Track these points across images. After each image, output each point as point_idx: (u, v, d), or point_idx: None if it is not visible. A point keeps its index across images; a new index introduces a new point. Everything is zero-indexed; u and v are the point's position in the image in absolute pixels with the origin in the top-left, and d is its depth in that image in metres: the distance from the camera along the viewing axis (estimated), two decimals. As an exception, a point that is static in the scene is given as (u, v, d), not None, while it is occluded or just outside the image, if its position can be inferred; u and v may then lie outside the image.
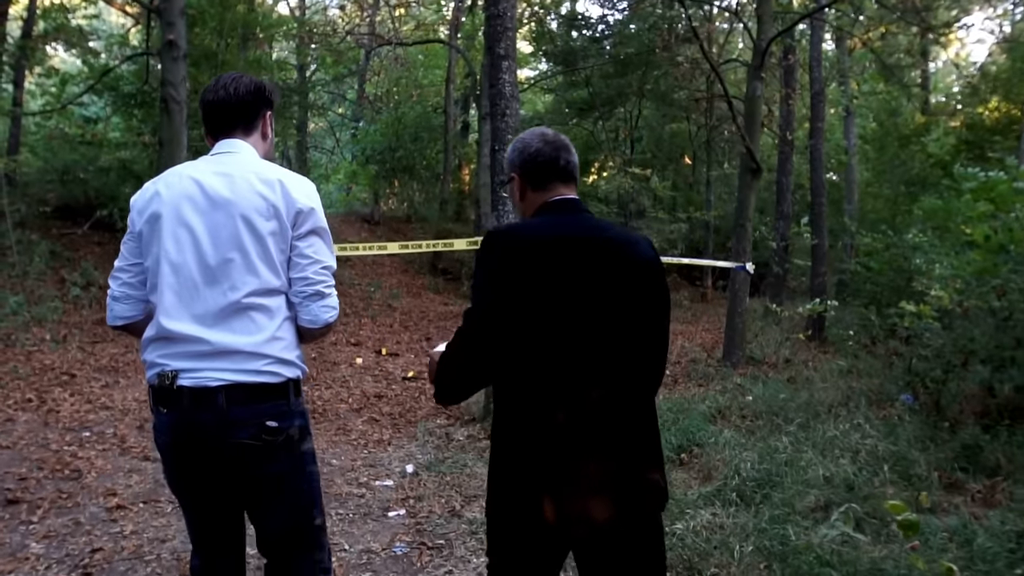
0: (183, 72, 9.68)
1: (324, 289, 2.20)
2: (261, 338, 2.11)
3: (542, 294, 1.96)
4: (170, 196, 2.17)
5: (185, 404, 2.08)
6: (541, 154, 2.15)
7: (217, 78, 2.35)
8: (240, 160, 2.23)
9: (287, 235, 2.16)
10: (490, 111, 6.92)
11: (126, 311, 2.26)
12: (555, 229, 2.05)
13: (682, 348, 11.42)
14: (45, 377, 7.61)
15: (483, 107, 13.15)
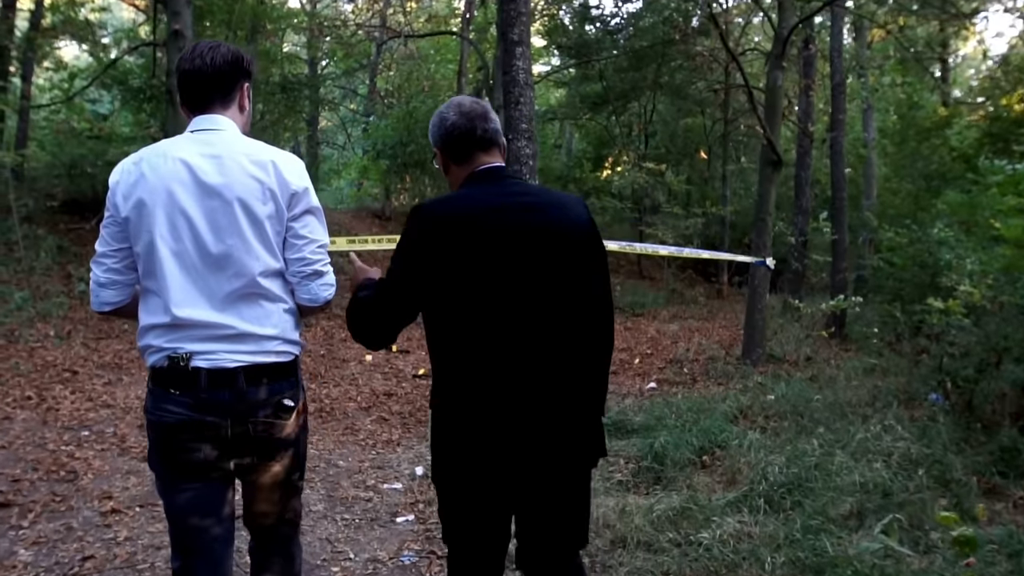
0: (189, 63, 9.47)
1: (321, 268, 2.23)
2: (271, 321, 2.16)
3: (471, 264, 2.00)
4: (158, 180, 2.11)
5: (203, 384, 2.09)
6: (456, 127, 2.17)
7: (194, 45, 2.27)
8: (226, 139, 2.18)
9: (283, 217, 2.17)
10: (503, 100, 6.67)
11: (113, 297, 2.24)
12: (479, 199, 2.09)
13: (699, 345, 11.15)
14: (47, 374, 7.42)
15: (495, 99, 12.88)
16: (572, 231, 2.13)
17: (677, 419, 6.63)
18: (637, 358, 10.50)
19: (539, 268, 2.07)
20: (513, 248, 2.04)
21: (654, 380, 9.03)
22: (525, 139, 6.45)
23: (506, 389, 2.05)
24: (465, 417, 2.07)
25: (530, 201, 2.13)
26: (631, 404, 7.62)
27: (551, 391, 2.08)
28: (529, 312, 2.05)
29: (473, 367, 2.06)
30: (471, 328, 2.05)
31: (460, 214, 2.06)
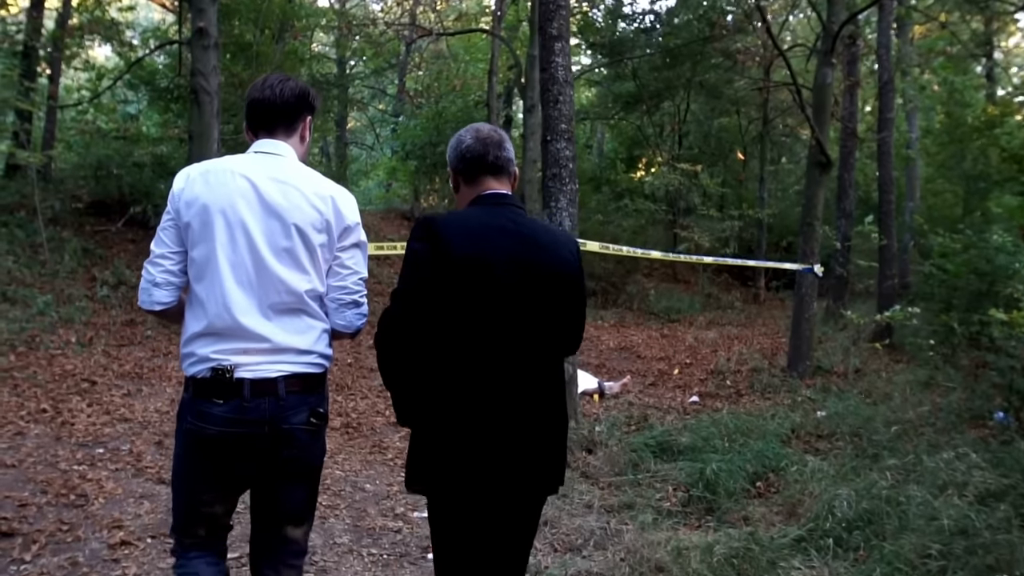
0: (214, 61, 9.19)
1: (360, 299, 2.39)
2: (311, 336, 2.30)
3: (469, 280, 2.11)
4: (223, 192, 2.26)
5: (246, 394, 2.20)
6: (471, 150, 2.30)
7: (265, 77, 2.44)
8: (287, 166, 2.34)
9: (333, 247, 2.33)
10: (541, 98, 6.28)
11: (165, 297, 2.34)
12: (482, 219, 2.21)
13: (740, 355, 10.68)
14: (64, 384, 7.14)
15: (528, 99, 12.51)
16: (562, 269, 2.27)
17: (725, 439, 6.22)
18: (676, 368, 10.06)
19: (528, 297, 2.19)
20: (507, 274, 2.15)
21: (696, 393, 8.59)
22: (564, 140, 6.06)
23: (483, 403, 2.15)
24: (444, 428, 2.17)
25: (528, 233, 2.25)
26: (674, 421, 7.20)
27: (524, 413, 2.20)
28: (513, 336, 2.17)
29: (455, 380, 2.16)
30: (458, 342, 2.15)
31: (465, 228, 2.17)
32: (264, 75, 2.49)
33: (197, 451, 2.29)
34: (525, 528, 2.39)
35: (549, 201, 6.03)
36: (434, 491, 2.26)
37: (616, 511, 4.79)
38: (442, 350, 2.16)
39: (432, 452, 2.20)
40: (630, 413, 7.52)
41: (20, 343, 8.55)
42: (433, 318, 2.13)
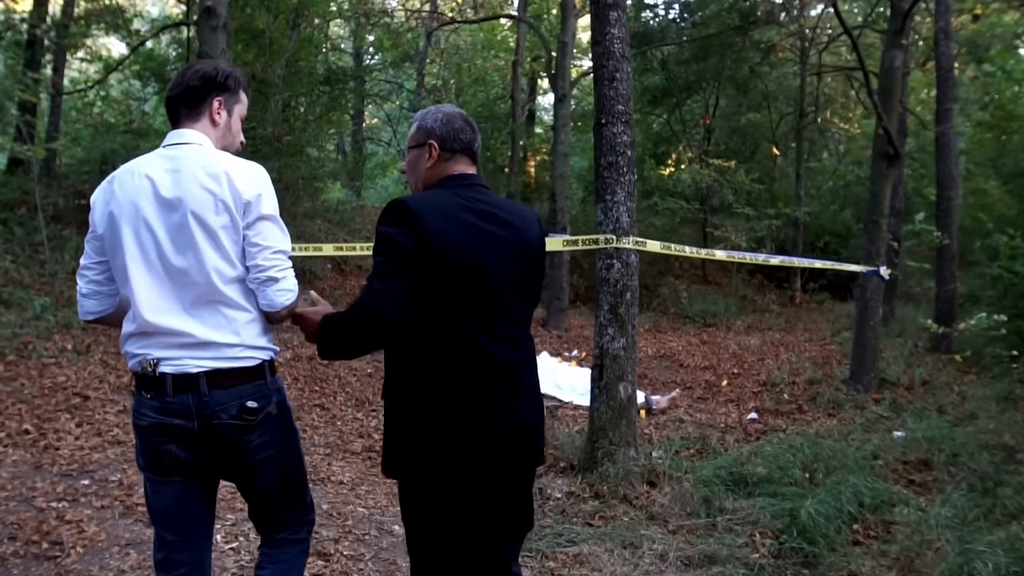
0: (222, 44, 8.42)
1: (276, 274, 2.24)
2: (234, 328, 2.21)
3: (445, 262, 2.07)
4: (125, 196, 2.21)
5: (168, 389, 2.17)
6: (464, 131, 2.31)
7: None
8: (188, 152, 2.25)
9: (238, 226, 2.20)
10: (594, 76, 5.48)
11: (95, 306, 2.34)
12: (453, 200, 2.18)
13: (792, 365, 9.84)
14: (53, 400, 6.39)
15: (560, 88, 11.70)
16: (533, 246, 2.30)
17: (803, 468, 5.39)
18: (724, 379, 9.23)
19: (504, 275, 2.18)
20: (483, 253, 2.14)
21: (753, 409, 7.76)
22: (621, 123, 5.26)
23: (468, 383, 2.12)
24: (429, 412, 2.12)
25: (497, 212, 2.22)
26: (737, 444, 6.38)
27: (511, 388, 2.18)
28: (493, 314, 2.16)
29: (436, 363, 2.12)
30: (440, 324, 2.10)
31: (441, 212, 2.12)
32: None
33: (140, 449, 2.30)
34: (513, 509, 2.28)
35: (604, 194, 5.23)
36: (413, 475, 2.18)
37: (697, 565, 3.97)
38: (423, 332, 2.11)
39: (415, 435, 2.14)
40: (685, 433, 6.72)
41: (11, 350, 7.81)
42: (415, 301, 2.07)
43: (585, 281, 14.78)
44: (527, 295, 2.30)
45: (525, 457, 2.24)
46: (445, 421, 2.10)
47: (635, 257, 5.29)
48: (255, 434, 2.24)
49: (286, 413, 2.37)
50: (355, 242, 14.99)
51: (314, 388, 7.67)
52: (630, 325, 5.19)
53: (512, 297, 2.22)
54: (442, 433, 2.10)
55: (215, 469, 2.30)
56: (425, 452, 2.11)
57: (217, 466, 2.28)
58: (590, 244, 5.31)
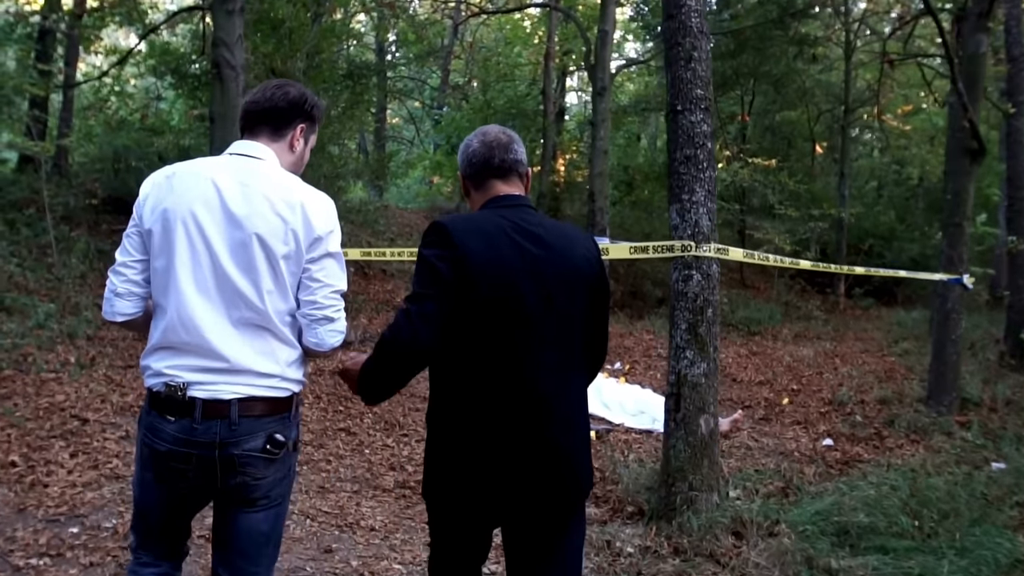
0: (239, 30, 7.73)
1: (333, 314, 2.17)
2: (272, 358, 2.12)
3: (482, 285, 2.01)
4: (186, 197, 2.11)
5: (197, 415, 2.07)
6: (476, 155, 2.25)
7: (266, 83, 2.33)
8: (262, 170, 2.17)
9: (301, 259, 2.13)
10: (667, 55, 4.71)
11: (128, 308, 2.21)
12: (494, 222, 2.12)
13: (855, 381, 9.02)
14: (48, 423, 5.70)
15: (599, 80, 10.92)
16: (578, 270, 2.17)
17: (911, 513, 4.61)
18: (785, 397, 8.42)
19: (543, 302, 2.08)
20: (523, 277, 2.06)
21: (826, 434, 6.96)
22: (700, 111, 4.49)
23: (498, 410, 2.06)
24: (460, 438, 2.08)
25: (540, 234, 2.14)
26: (819, 476, 5.60)
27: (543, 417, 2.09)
28: (531, 343, 2.07)
29: (470, 388, 2.08)
30: (480, 350, 2.05)
31: (481, 233, 2.07)
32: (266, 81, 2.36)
33: (148, 464, 2.17)
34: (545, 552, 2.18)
35: (680, 193, 4.46)
36: (442, 503, 2.14)
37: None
38: (458, 358, 2.07)
39: (446, 463, 2.11)
40: (756, 463, 5.94)
41: (9, 363, 7.16)
42: (451, 325, 2.01)
43: (623, 286, 14.01)
44: (575, 320, 2.17)
45: (557, 494, 2.12)
46: (473, 451, 2.06)
47: (717, 267, 4.52)
48: (272, 468, 2.16)
49: (297, 452, 2.30)
50: (380, 243, 14.29)
51: (338, 408, 6.94)
52: (711, 347, 4.42)
53: (556, 323, 2.12)
54: (469, 463, 2.06)
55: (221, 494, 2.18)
56: (452, 482, 2.09)
57: (223, 493, 2.17)
58: (663, 252, 4.55)
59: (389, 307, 12.23)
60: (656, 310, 13.78)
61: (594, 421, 7.16)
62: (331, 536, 4.30)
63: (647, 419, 7.12)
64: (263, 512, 2.20)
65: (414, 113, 23.10)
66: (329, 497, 4.84)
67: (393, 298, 12.71)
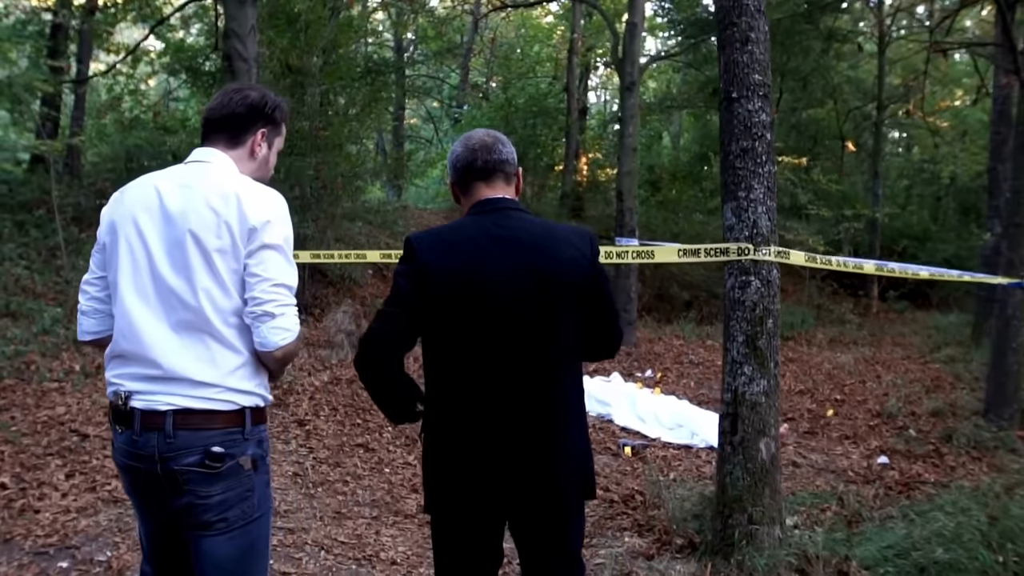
0: (252, 20, 7.35)
1: (274, 309, 2.01)
2: (212, 364, 1.99)
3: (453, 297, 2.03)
4: (129, 206, 2.08)
5: (136, 426, 1.99)
6: (460, 159, 2.22)
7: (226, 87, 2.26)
8: (207, 171, 2.10)
9: (239, 253, 2.01)
10: (720, 37, 4.25)
11: (94, 326, 2.17)
12: (465, 232, 2.11)
13: (902, 391, 8.51)
14: (45, 439, 5.32)
15: (627, 75, 10.44)
16: (562, 270, 2.11)
17: (992, 546, 4.12)
18: (829, 408, 7.92)
19: (520, 306, 2.05)
20: (492, 284, 2.04)
21: (880, 450, 6.47)
22: (758, 98, 4.04)
23: (483, 419, 2.05)
24: (451, 447, 2.09)
25: (518, 236, 2.10)
26: (878, 499, 5.13)
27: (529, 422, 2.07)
28: (505, 350, 2.05)
29: (455, 397, 2.08)
30: (453, 358, 2.08)
31: (444, 245, 2.07)
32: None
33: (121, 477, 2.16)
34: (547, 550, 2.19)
35: (736, 190, 3.99)
36: (439, 511, 2.14)
37: None
38: (439, 368, 2.09)
39: (436, 472, 2.12)
40: (810, 484, 5.47)
41: (11, 372, 6.82)
42: (426, 338, 2.08)
43: (649, 289, 13.54)
44: (559, 322, 2.11)
45: (529, 505, 2.11)
46: (445, 459, 2.09)
47: (777, 272, 4.06)
48: (217, 487, 1.99)
49: (263, 471, 2.10)
50: (398, 245, 13.88)
51: (356, 421, 6.52)
52: (772, 362, 3.95)
53: (532, 326, 2.07)
54: (443, 472, 2.09)
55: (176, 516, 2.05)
56: (440, 490, 2.10)
57: (177, 515, 2.03)
58: (717, 255, 4.09)
59: (408, 311, 11.83)
60: (684, 313, 13.30)
61: (630, 436, 6.71)
62: (348, 571, 3.88)
63: (685, 433, 6.66)
64: (223, 537, 2.03)
65: (432, 112, 22.70)
66: (346, 524, 4.41)
67: (412, 301, 12.31)
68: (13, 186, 11.91)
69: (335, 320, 9.52)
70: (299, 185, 10.99)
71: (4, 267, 9.59)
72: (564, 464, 2.12)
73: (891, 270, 5.26)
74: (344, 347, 9.00)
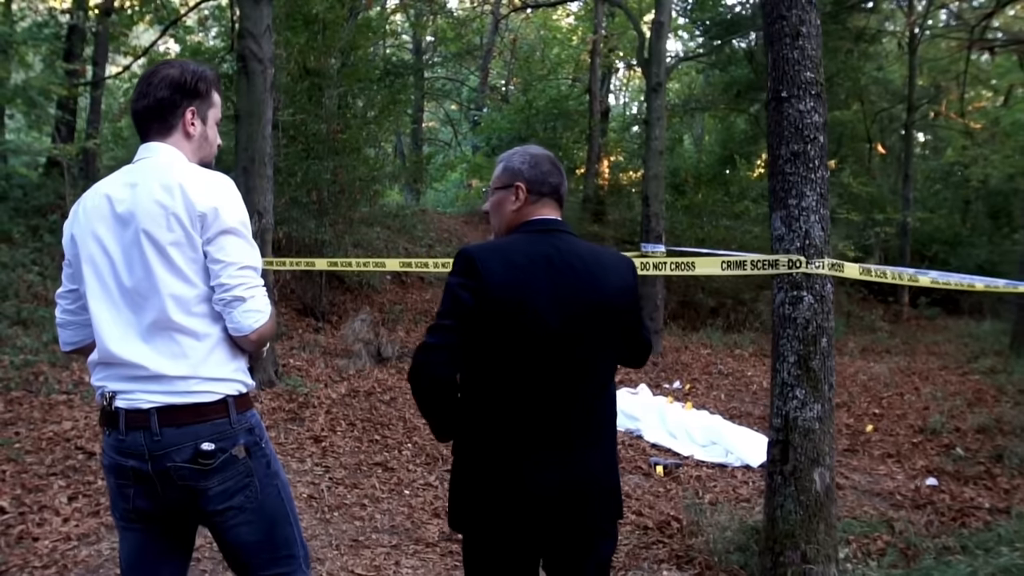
0: (267, 20, 7.10)
1: (243, 293, 2.00)
2: (183, 358, 1.98)
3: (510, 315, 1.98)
4: (85, 217, 2.06)
5: (121, 425, 1.98)
6: (552, 175, 2.20)
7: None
8: (151, 165, 2.05)
9: (195, 242, 1.99)
10: (768, 33, 3.93)
11: (72, 336, 2.20)
12: (524, 249, 2.07)
13: (944, 404, 8.12)
14: (49, 457, 5.08)
15: (654, 75, 10.13)
16: (608, 298, 2.11)
17: None
18: (867, 422, 7.57)
19: (571, 330, 2.03)
20: (549, 307, 2.01)
21: (924, 470, 6.12)
22: (811, 97, 3.71)
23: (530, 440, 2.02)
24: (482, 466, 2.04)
25: (573, 262, 2.08)
26: (931, 525, 4.78)
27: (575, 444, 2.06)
28: (556, 371, 2.02)
29: (493, 415, 2.03)
30: (499, 380, 2.03)
31: (505, 262, 2.02)
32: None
33: (107, 483, 2.12)
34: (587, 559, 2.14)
35: (786, 197, 3.68)
36: (472, 531, 2.08)
37: None
38: (483, 387, 2.04)
39: (474, 491, 2.05)
40: (856, 509, 5.13)
41: (19, 383, 6.61)
42: (472, 355, 2.00)
43: (674, 296, 13.20)
44: (603, 348, 2.12)
45: (579, 526, 2.07)
46: (490, 481, 2.02)
47: (831, 287, 3.74)
48: (214, 480, 1.99)
49: (260, 455, 2.10)
50: (417, 249, 13.63)
51: (374, 437, 6.23)
52: (826, 384, 3.65)
53: (581, 352, 2.05)
54: (487, 493, 2.02)
55: (176, 516, 2.07)
56: (473, 511, 2.05)
57: (178, 514, 2.05)
58: (765, 268, 3.77)
59: (427, 318, 11.56)
60: (710, 321, 12.96)
61: (661, 453, 6.39)
62: (366, 608, 3.59)
63: (719, 451, 6.33)
64: (241, 524, 2.05)
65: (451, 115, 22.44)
66: (363, 554, 4.12)
67: (432, 308, 12.03)
68: (28, 190, 11.76)
69: (353, 329, 9.26)
70: (316, 189, 10.76)
71: (17, 273, 9.42)
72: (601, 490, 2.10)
73: (947, 282, 4.93)
74: (362, 357, 8.74)
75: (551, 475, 2.01)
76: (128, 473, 2.00)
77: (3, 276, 9.10)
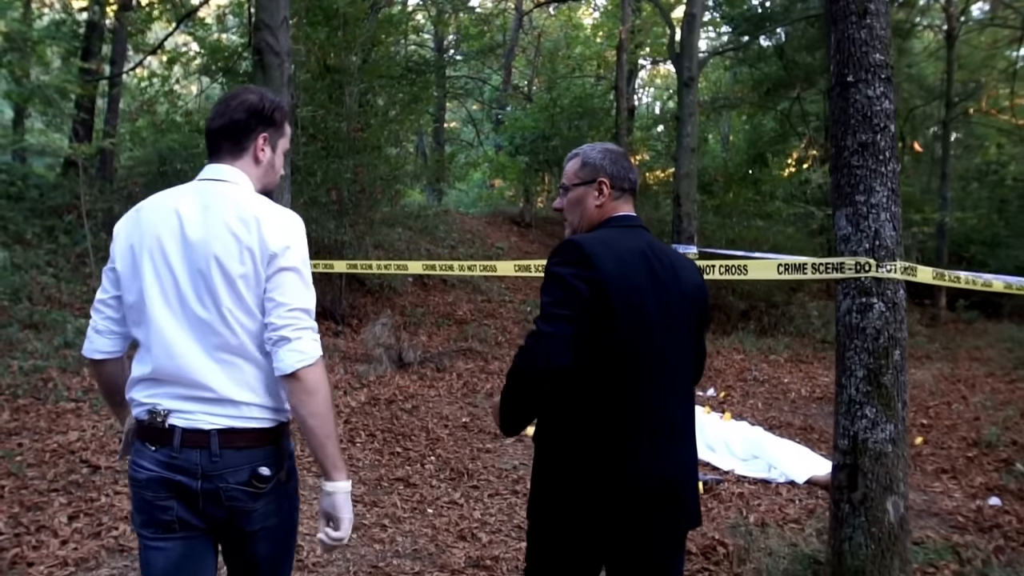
0: (284, 11, 6.80)
1: (290, 333, 1.98)
2: (248, 386, 2.00)
3: (622, 306, 1.96)
4: (149, 229, 2.03)
5: (175, 442, 1.96)
6: (632, 171, 2.22)
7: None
8: (223, 191, 2.05)
9: (260, 278, 2.00)
10: (829, 11, 3.56)
11: (108, 346, 2.13)
12: (624, 243, 2.06)
13: (998, 415, 7.68)
14: (51, 471, 4.79)
15: (685, 70, 9.75)
16: (697, 294, 2.14)
17: None
18: (916, 434, 7.15)
19: (670, 324, 2.04)
20: (653, 300, 2.01)
21: (985, 488, 5.70)
22: (880, 82, 3.35)
23: (619, 436, 1.97)
24: (575, 462, 1.99)
25: (662, 257, 2.08)
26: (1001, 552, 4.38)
27: (666, 446, 2.03)
28: (656, 366, 2.02)
29: (592, 410, 1.98)
30: (602, 372, 1.97)
31: (614, 256, 1.99)
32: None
33: (137, 498, 2.03)
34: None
35: (853, 193, 3.31)
36: (549, 524, 2.04)
37: None
38: (593, 376, 1.97)
39: (558, 485, 2.01)
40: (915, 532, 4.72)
41: (27, 390, 6.36)
42: (580, 347, 1.92)
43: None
44: (690, 346, 2.12)
45: (673, 518, 2.03)
46: (589, 474, 1.97)
47: (904, 293, 3.36)
48: (261, 502, 2.02)
49: (294, 479, 2.15)
50: (440, 250, 13.32)
51: (395, 449, 5.90)
52: (899, 402, 3.26)
53: (677, 348, 2.07)
54: (584, 486, 1.97)
55: (211, 532, 2.04)
56: (565, 504, 1.99)
57: (215, 528, 2.03)
58: (830, 271, 3.41)
59: (451, 321, 11.24)
60: (742, 325, 12.54)
61: (700, 468, 6.01)
62: (386, 647, 3.25)
63: (762, 465, 5.95)
64: (261, 541, 2.08)
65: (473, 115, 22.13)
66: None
67: (454, 311, 11.71)
68: (44, 190, 11.57)
69: (373, 333, 8.95)
70: (336, 189, 10.47)
71: (31, 275, 9.20)
72: (695, 490, 2.11)
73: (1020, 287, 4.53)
74: (383, 362, 8.42)
75: (662, 464, 1.99)
76: (173, 486, 1.98)
77: (16, 278, 8.89)
